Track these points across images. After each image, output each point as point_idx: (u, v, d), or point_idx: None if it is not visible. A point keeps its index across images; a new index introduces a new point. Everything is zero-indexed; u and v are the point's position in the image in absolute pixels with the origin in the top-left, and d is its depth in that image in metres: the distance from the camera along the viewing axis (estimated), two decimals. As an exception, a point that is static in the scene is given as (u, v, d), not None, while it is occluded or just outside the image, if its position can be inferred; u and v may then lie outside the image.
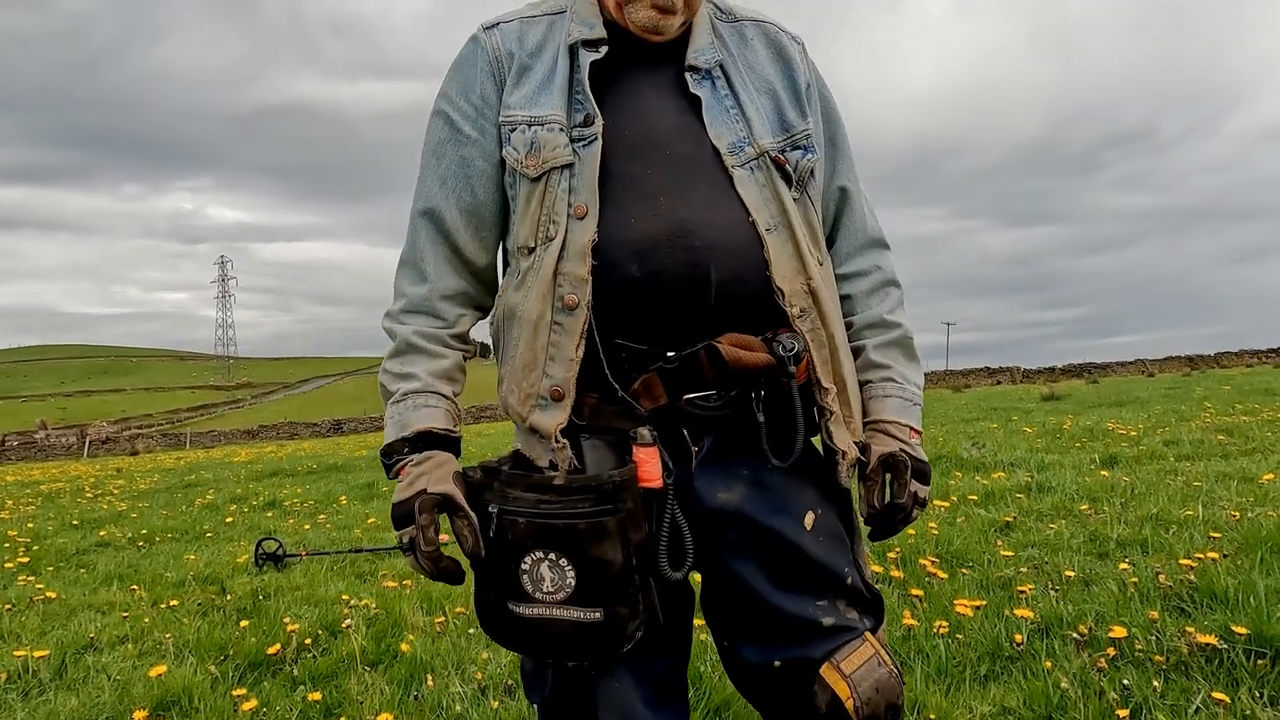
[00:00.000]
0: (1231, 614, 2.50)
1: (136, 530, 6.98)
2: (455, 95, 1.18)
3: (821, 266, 1.15)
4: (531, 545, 1.01)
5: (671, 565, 1.05)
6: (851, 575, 1.13)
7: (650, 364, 1.08)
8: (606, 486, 1.01)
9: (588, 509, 1.00)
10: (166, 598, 4.21)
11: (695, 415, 1.09)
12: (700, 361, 1.07)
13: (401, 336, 1.18)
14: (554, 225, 1.08)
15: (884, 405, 1.19)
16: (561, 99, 1.12)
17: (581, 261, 1.06)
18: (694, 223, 1.07)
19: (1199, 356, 35.25)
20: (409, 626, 3.30)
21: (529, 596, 1.03)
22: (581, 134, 1.10)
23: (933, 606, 2.90)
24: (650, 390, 1.08)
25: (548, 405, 1.08)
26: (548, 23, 1.18)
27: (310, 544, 5.53)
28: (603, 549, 1.00)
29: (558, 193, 1.09)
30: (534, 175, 1.10)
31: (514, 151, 1.12)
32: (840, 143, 1.26)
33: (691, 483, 1.10)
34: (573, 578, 1.00)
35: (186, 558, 5.41)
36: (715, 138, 1.12)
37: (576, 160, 1.09)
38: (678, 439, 1.09)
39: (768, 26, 1.25)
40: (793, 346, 1.07)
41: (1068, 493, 4.81)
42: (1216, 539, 3.42)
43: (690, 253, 1.06)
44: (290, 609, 3.74)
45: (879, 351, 1.22)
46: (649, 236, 1.06)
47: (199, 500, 9.01)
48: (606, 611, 1.01)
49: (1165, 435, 7.14)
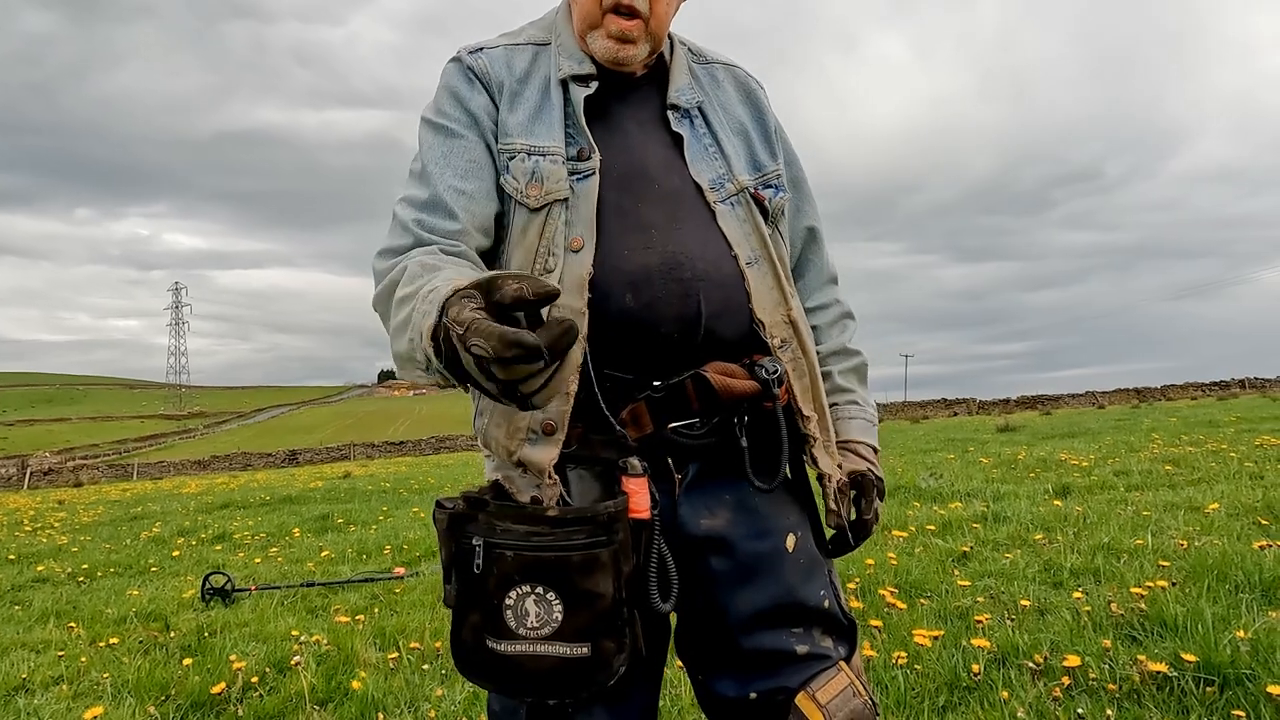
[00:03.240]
0: (1181, 642, 2.54)
1: (77, 565, 6.72)
2: (448, 107, 1.14)
3: (795, 299, 1.18)
4: (519, 579, 0.98)
5: (661, 597, 1.04)
6: (829, 599, 1.13)
7: (637, 393, 1.08)
8: (602, 518, 0.99)
9: (581, 541, 0.98)
10: (106, 635, 4.04)
11: (680, 443, 1.10)
12: (687, 390, 1.08)
13: (417, 259, 0.98)
14: (552, 258, 1.07)
15: (850, 426, 1.25)
16: (559, 131, 1.11)
17: (579, 295, 1.05)
18: (685, 255, 1.09)
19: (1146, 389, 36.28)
20: (361, 663, 3.21)
21: (511, 633, 0.99)
22: (577, 167, 1.10)
23: (891, 637, 2.90)
24: (637, 419, 1.08)
25: (539, 439, 1.06)
26: (532, 52, 1.18)
27: (260, 578, 5.37)
28: (595, 581, 0.98)
29: (557, 225, 1.08)
30: (535, 206, 1.09)
31: (513, 180, 1.10)
32: (802, 184, 1.30)
33: (676, 511, 1.10)
34: (560, 612, 0.98)
35: (129, 593, 5.21)
36: (696, 174, 1.15)
37: (572, 195, 1.09)
38: (662, 467, 1.09)
39: (736, 70, 1.29)
40: (775, 370, 1.09)
41: (1023, 522, 4.88)
42: (1165, 567, 3.49)
43: (683, 284, 1.08)
44: (237, 646, 3.61)
45: (844, 377, 1.28)
46: (643, 268, 1.07)
47: (145, 533, 8.71)
48: (594, 646, 0.98)
49: (1116, 465, 7.31)
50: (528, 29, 1.23)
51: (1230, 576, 3.18)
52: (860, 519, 1.19)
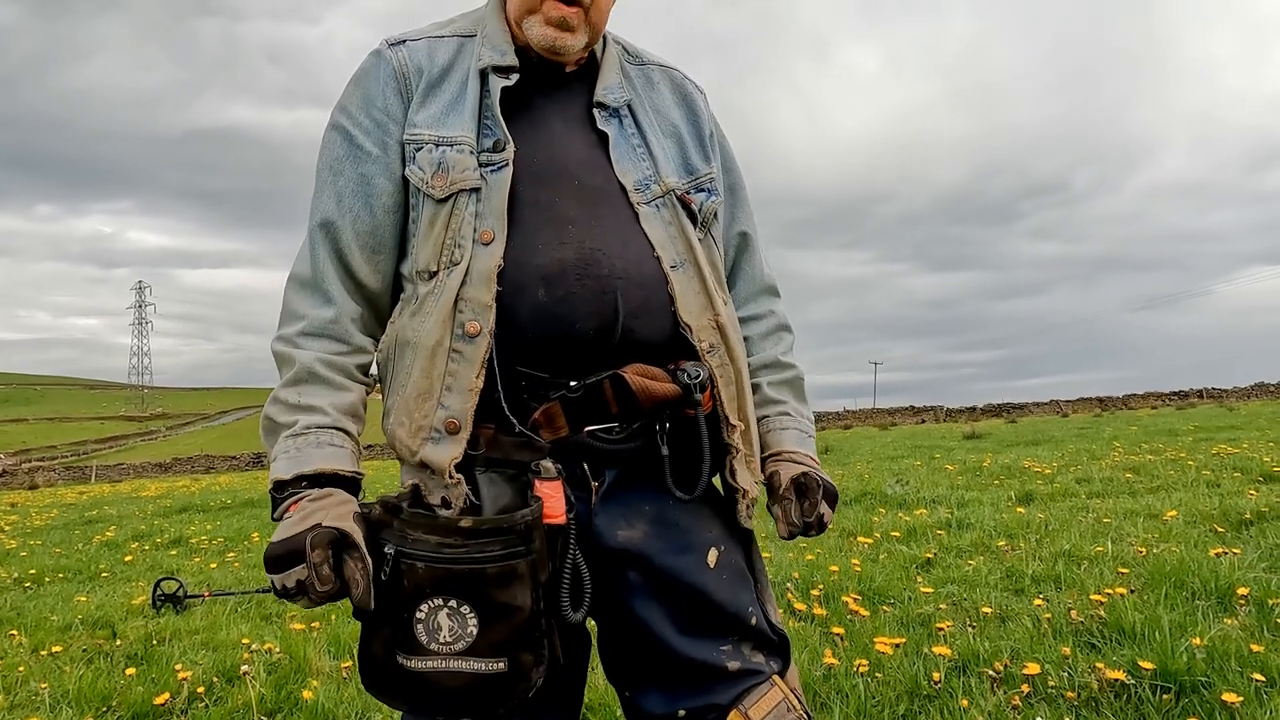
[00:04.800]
0: (1138, 649, 2.55)
1: (24, 570, 6.51)
2: (355, 110, 1.12)
3: (727, 305, 1.14)
4: (430, 592, 0.94)
5: (572, 606, 1.00)
6: (756, 615, 1.09)
7: (552, 393, 1.03)
8: (519, 527, 0.95)
9: (497, 552, 0.94)
10: (49, 643, 3.90)
11: (597, 449, 1.05)
12: (604, 391, 1.03)
13: (302, 363, 1.06)
14: (459, 250, 1.04)
15: (783, 437, 1.20)
16: (472, 122, 1.08)
17: (486, 287, 1.02)
18: (603, 252, 1.05)
19: (1109, 398, 37.03)
20: (313, 672, 3.12)
21: (422, 648, 0.94)
22: (491, 159, 1.06)
23: (854, 645, 2.88)
24: (551, 421, 1.03)
25: (441, 438, 1.02)
26: (456, 44, 1.15)
27: (216, 584, 5.23)
28: (511, 594, 0.94)
29: (464, 216, 1.05)
30: (440, 196, 1.06)
31: (419, 170, 1.08)
32: (739, 191, 1.27)
33: (591, 520, 1.05)
34: (474, 626, 0.93)
35: (77, 599, 5.06)
36: (621, 174, 1.11)
37: (484, 185, 1.05)
38: (578, 473, 1.05)
39: (674, 73, 1.25)
40: (698, 374, 1.05)
41: (986, 529, 4.91)
42: (1124, 574, 3.51)
43: (599, 281, 1.04)
44: (186, 655, 3.50)
45: (774, 389, 1.23)
46: (558, 262, 1.03)
47: (98, 537, 8.49)
48: (510, 661, 0.94)
49: (1078, 473, 7.40)
50: (458, 20, 1.19)
51: (1187, 584, 3.21)
52: (804, 523, 1.12)
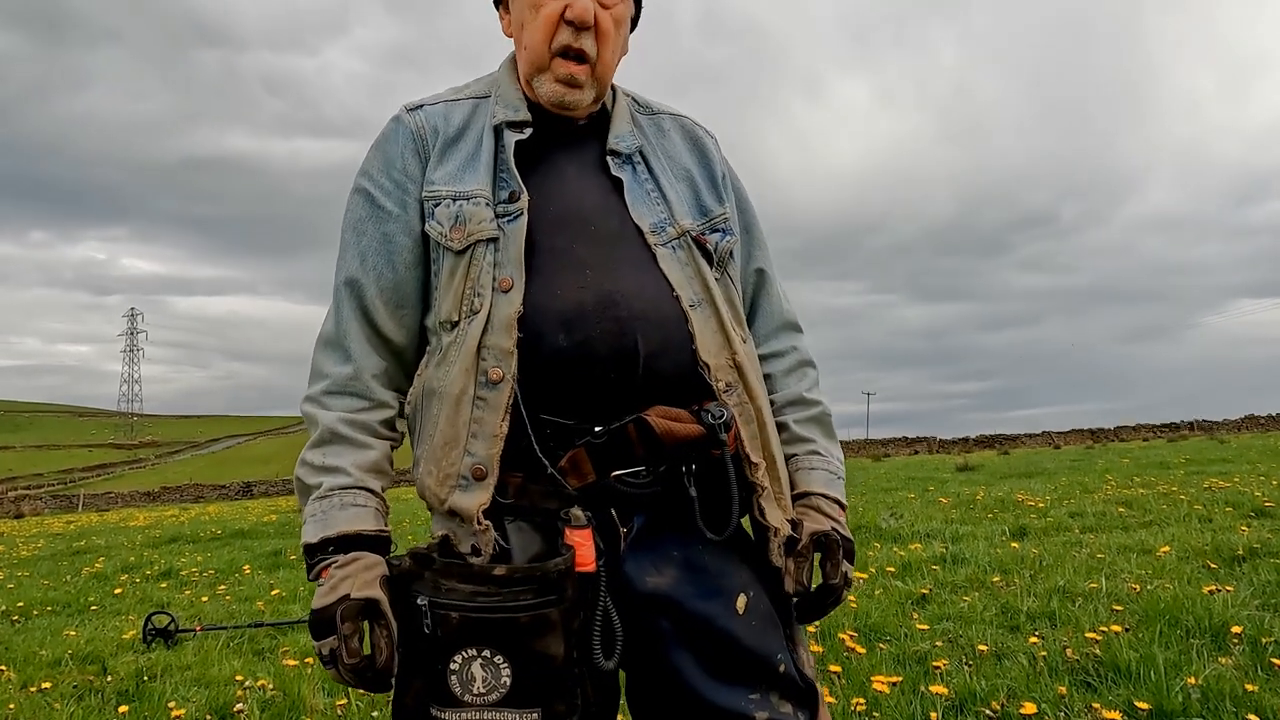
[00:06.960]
0: (1134, 688, 2.56)
1: (12, 602, 6.42)
2: (376, 172, 1.17)
3: (745, 344, 1.16)
4: (464, 642, 0.94)
5: (604, 654, 1.00)
6: (785, 662, 1.09)
7: (577, 439, 1.05)
8: (551, 575, 0.95)
9: (529, 600, 0.94)
10: (38, 679, 3.85)
11: (624, 493, 1.06)
12: (629, 436, 1.04)
13: (325, 424, 1.09)
14: (479, 299, 1.07)
15: (811, 477, 1.19)
16: (487, 176, 1.12)
17: (507, 334, 1.04)
18: (621, 294, 1.07)
19: (1100, 430, 37.09)
20: (308, 710, 3.10)
21: (457, 700, 0.94)
22: (507, 209, 1.10)
23: (850, 683, 2.88)
24: (578, 467, 1.04)
25: (469, 485, 1.04)
26: (472, 105, 1.20)
27: (207, 617, 5.19)
28: (545, 643, 0.94)
29: (483, 266, 1.08)
30: (459, 248, 1.09)
31: (438, 225, 1.11)
32: (754, 229, 1.29)
33: (620, 566, 1.06)
34: (509, 676, 0.94)
35: (66, 634, 4.99)
36: (637, 218, 1.14)
37: (501, 235, 1.08)
38: (606, 519, 1.06)
39: (684, 120, 1.29)
40: (721, 414, 1.06)
41: (980, 564, 4.91)
42: (1119, 611, 3.52)
43: (618, 323, 1.05)
44: (178, 691, 3.47)
45: (802, 426, 1.23)
46: (577, 306, 1.06)
47: (86, 569, 8.38)
48: (544, 711, 0.95)
49: (1071, 507, 7.41)
50: (472, 84, 1.24)
51: (1181, 621, 3.22)
52: (826, 584, 1.13)
